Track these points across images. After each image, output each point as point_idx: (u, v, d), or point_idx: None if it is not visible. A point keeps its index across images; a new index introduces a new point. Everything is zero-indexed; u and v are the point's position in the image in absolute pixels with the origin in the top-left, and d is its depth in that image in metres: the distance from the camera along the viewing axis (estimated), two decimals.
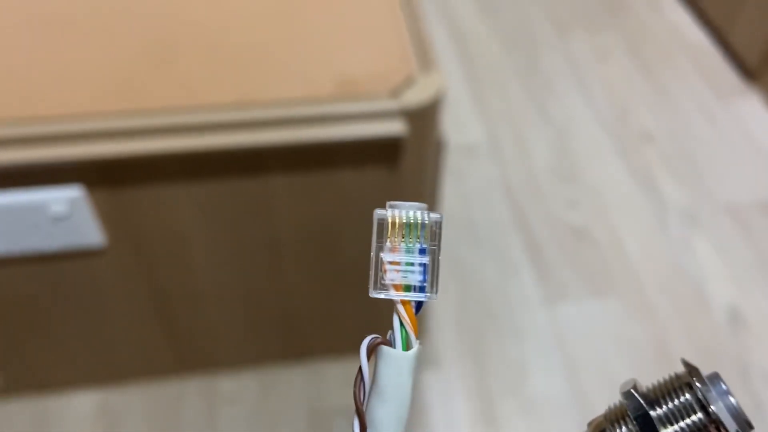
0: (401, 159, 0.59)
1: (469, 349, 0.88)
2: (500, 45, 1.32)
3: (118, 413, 0.79)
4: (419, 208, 0.17)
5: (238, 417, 0.79)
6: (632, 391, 0.18)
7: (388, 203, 0.17)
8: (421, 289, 0.17)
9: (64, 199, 0.56)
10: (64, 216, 0.57)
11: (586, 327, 0.90)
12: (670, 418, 0.17)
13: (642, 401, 0.18)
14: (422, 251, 0.17)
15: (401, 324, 0.17)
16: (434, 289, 0.17)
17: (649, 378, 0.70)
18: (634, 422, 0.17)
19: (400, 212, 0.17)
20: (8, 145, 0.53)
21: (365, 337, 0.18)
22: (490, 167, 1.09)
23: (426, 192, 0.66)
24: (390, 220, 0.17)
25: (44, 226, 0.58)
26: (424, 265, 0.17)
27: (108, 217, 0.59)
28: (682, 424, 0.17)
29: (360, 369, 0.16)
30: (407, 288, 0.17)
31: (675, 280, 0.95)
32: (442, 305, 0.92)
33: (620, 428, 0.17)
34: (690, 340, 0.88)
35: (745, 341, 0.88)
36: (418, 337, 0.17)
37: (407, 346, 0.17)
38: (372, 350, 0.17)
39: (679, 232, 1.00)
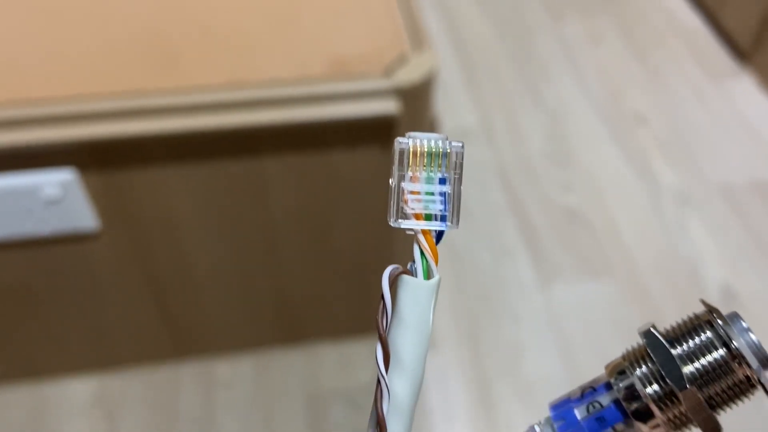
0: (394, 138, 0.59)
1: (465, 331, 0.88)
2: (493, 29, 1.32)
3: (115, 399, 0.79)
4: (440, 138, 0.17)
5: (234, 401, 0.79)
6: (652, 329, 0.17)
7: (408, 133, 0.17)
8: (442, 219, 0.17)
9: (56, 182, 0.56)
10: (56, 199, 0.56)
11: (581, 308, 0.90)
12: (691, 356, 0.17)
13: (662, 339, 0.17)
14: (442, 181, 0.17)
15: (422, 254, 0.16)
16: (455, 219, 0.17)
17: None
18: (655, 360, 0.17)
19: (422, 141, 0.17)
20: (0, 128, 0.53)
21: (360, 319, 0.17)
22: (484, 151, 1.09)
23: None
24: (411, 149, 0.17)
25: (37, 210, 0.58)
26: (445, 194, 0.17)
27: (101, 201, 0.59)
28: (703, 361, 0.16)
29: (383, 298, 0.16)
30: (428, 217, 0.17)
31: (669, 261, 0.95)
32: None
33: (640, 368, 0.17)
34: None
35: None
36: (438, 267, 0.17)
37: (428, 276, 0.17)
38: (394, 280, 0.16)
39: (672, 213, 1.01)
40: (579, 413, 0.18)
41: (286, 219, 0.65)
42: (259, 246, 0.68)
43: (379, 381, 0.16)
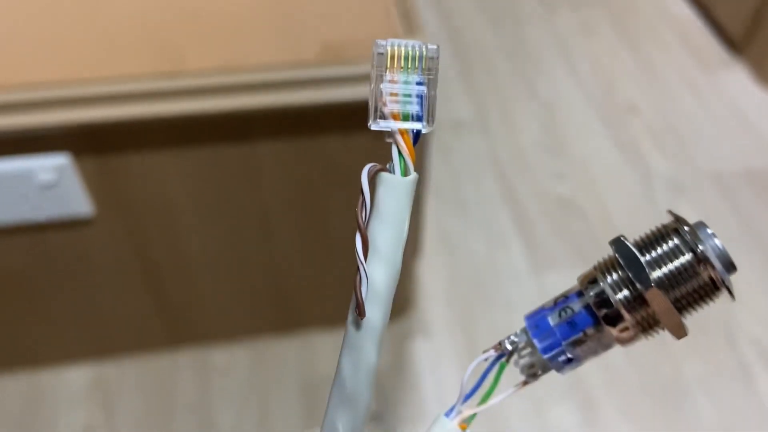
0: None
1: (459, 318, 0.88)
2: (486, 20, 1.33)
3: (111, 387, 0.79)
4: (416, 43, 0.17)
5: (230, 388, 0.80)
6: (621, 238, 0.18)
7: (388, 40, 0.17)
8: (419, 119, 0.17)
9: (51, 166, 0.56)
10: (51, 184, 0.57)
11: None
12: (659, 262, 0.17)
13: (631, 246, 0.18)
14: (419, 83, 0.17)
15: (399, 153, 0.17)
16: (431, 119, 0.17)
17: (637, 347, 0.71)
18: (624, 266, 0.17)
19: (399, 45, 0.17)
20: None
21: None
22: (478, 142, 1.10)
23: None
24: (389, 52, 0.17)
25: (31, 196, 0.58)
26: (422, 96, 0.17)
27: (96, 186, 0.59)
28: (671, 265, 0.17)
29: (362, 192, 0.17)
30: (405, 117, 0.17)
31: None
32: (431, 276, 0.93)
33: (611, 276, 0.18)
34: None
35: (732, 308, 0.89)
36: (415, 165, 0.18)
37: (405, 173, 0.17)
38: (372, 177, 0.17)
39: (665, 202, 1.01)
40: (552, 320, 0.19)
41: (281, 205, 0.65)
42: (253, 232, 0.68)
43: (358, 268, 0.17)
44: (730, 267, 0.17)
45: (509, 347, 0.19)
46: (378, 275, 0.17)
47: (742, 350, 0.85)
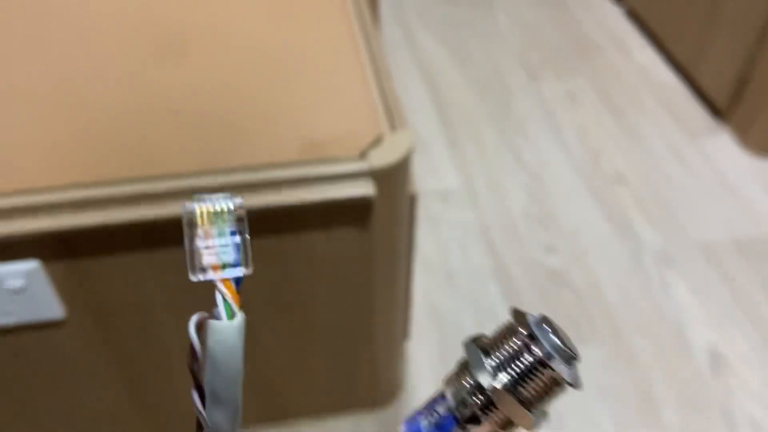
0: (372, 219, 0.58)
1: None
2: (473, 91, 1.33)
3: None
4: (222, 197, 0.19)
5: None
6: (470, 341, 0.19)
7: (195, 196, 0.18)
8: (236, 265, 0.19)
9: (20, 272, 0.54)
10: (20, 290, 0.54)
11: None
12: (503, 365, 0.18)
13: (477, 350, 0.19)
14: (232, 233, 0.19)
15: (224, 299, 0.18)
16: (248, 263, 0.19)
17: (633, 427, 0.68)
18: (472, 372, 0.18)
19: (207, 203, 0.18)
20: None
21: (340, 397, 0.26)
22: (465, 212, 1.08)
23: (400, 247, 0.65)
24: (198, 212, 0.18)
25: (0, 301, 0.55)
26: (237, 244, 0.19)
27: (66, 289, 0.57)
28: (514, 368, 0.18)
29: (191, 345, 0.18)
30: (224, 266, 0.18)
31: (654, 324, 0.94)
32: (420, 355, 0.90)
33: (464, 379, 0.19)
34: (672, 385, 0.87)
35: (729, 385, 0.87)
36: (241, 310, 0.18)
37: (231, 317, 0.18)
38: (201, 328, 0.18)
39: (656, 274, 1.00)
40: (423, 424, 0.20)
41: (263, 301, 0.63)
42: None
43: (198, 418, 0.17)
44: (570, 360, 0.18)
45: None
46: (219, 418, 0.18)
47: (740, 431, 0.82)
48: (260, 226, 0.57)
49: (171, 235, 0.56)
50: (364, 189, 0.55)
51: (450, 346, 0.91)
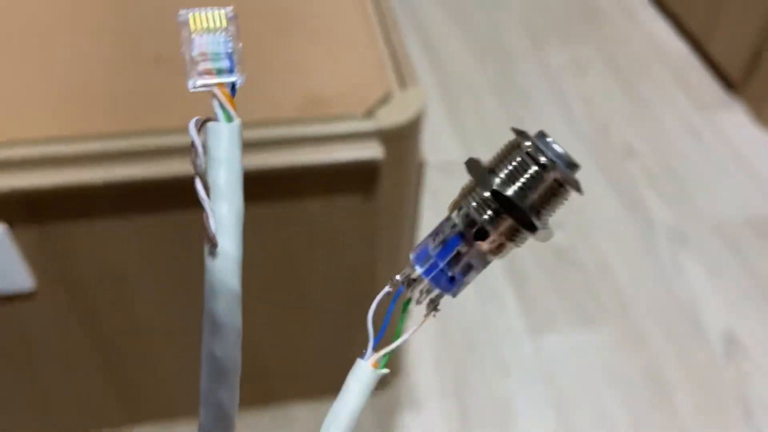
0: (378, 185, 0.52)
1: (451, 386, 0.81)
2: (474, 57, 1.26)
3: None
4: (215, 8, 0.19)
5: None
6: (472, 159, 0.20)
7: (187, 10, 0.19)
8: (231, 72, 0.19)
9: None
10: None
11: (575, 359, 0.84)
12: (510, 179, 0.19)
13: (481, 165, 0.19)
14: (226, 41, 0.19)
15: (220, 104, 0.19)
16: (241, 69, 0.19)
17: (644, 412, 0.62)
18: (480, 188, 0.19)
19: (200, 11, 0.19)
20: None
21: (337, 378, 0.21)
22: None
23: (406, 220, 0.59)
24: (191, 18, 0.18)
25: None
26: (229, 52, 0.19)
27: (36, 257, 0.51)
28: (521, 176, 0.19)
29: (192, 143, 0.18)
30: (219, 73, 0.19)
31: (666, 306, 0.89)
32: (420, 337, 0.85)
33: (471, 198, 0.19)
34: (685, 370, 0.83)
35: (744, 371, 0.83)
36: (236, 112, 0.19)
37: (229, 119, 0.19)
38: (200, 130, 0.18)
39: (667, 252, 0.95)
40: (430, 247, 0.20)
41: (255, 275, 0.57)
42: None
43: (203, 207, 0.18)
44: (572, 166, 0.19)
45: (400, 280, 0.21)
46: (223, 210, 0.19)
47: (758, 421, 0.78)
48: (254, 190, 0.51)
49: (152, 200, 0.50)
50: (371, 151, 0.49)
51: (450, 328, 0.86)
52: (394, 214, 0.57)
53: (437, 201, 1.00)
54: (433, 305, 0.21)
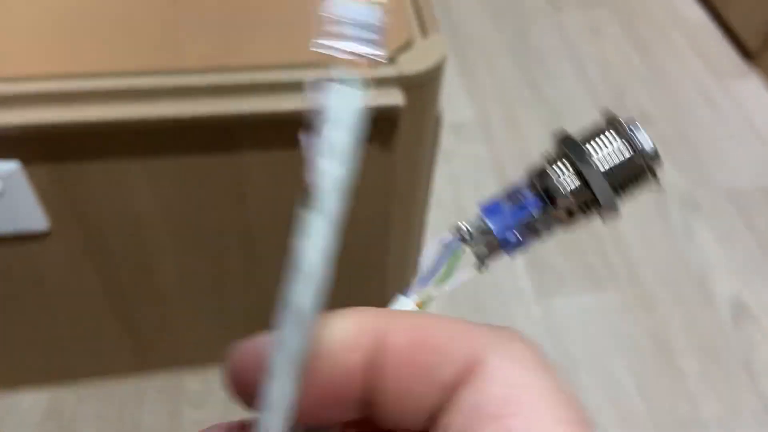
0: (396, 135, 0.52)
1: None
2: (489, 17, 1.25)
3: (69, 415, 0.71)
4: None
5: (204, 420, 0.71)
6: (564, 131, 0.20)
7: None
8: (378, 46, 0.16)
9: None
10: None
11: (583, 322, 0.84)
12: (606, 157, 0.19)
13: (575, 139, 0.20)
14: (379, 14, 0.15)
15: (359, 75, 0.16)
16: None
17: (650, 377, 0.62)
18: (571, 156, 0.19)
19: None
20: None
21: None
22: (480, 147, 1.02)
23: (422, 175, 0.59)
24: None
25: None
26: (380, 25, 0.15)
27: (50, 197, 0.50)
28: (612, 160, 0.19)
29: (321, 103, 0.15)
30: (365, 43, 0.16)
31: (676, 271, 0.89)
32: None
33: (558, 167, 0.19)
34: (692, 334, 0.83)
35: (751, 336, 0.83)
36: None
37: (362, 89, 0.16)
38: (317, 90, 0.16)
39: (679, 219, 0.95)
40: (504, 206, 0.20)
41: (266, 223, 0.57)
42: (233, 251, 0.60)
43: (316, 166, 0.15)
44: (657, 157, 0.19)
45: (465, 230, 0.20)
46: (333, 169, 0.15)
47: (763, 385, 0.78)
48: (266, 136, 0.50)
49: (170, 141, 0.49)
50: (392, 98, 0.48)
51: (459, 292, 0.86)
52: (411, 165, 0.56)
53: (448, 161, 0.99)
54: (483, 261, 0.21)
